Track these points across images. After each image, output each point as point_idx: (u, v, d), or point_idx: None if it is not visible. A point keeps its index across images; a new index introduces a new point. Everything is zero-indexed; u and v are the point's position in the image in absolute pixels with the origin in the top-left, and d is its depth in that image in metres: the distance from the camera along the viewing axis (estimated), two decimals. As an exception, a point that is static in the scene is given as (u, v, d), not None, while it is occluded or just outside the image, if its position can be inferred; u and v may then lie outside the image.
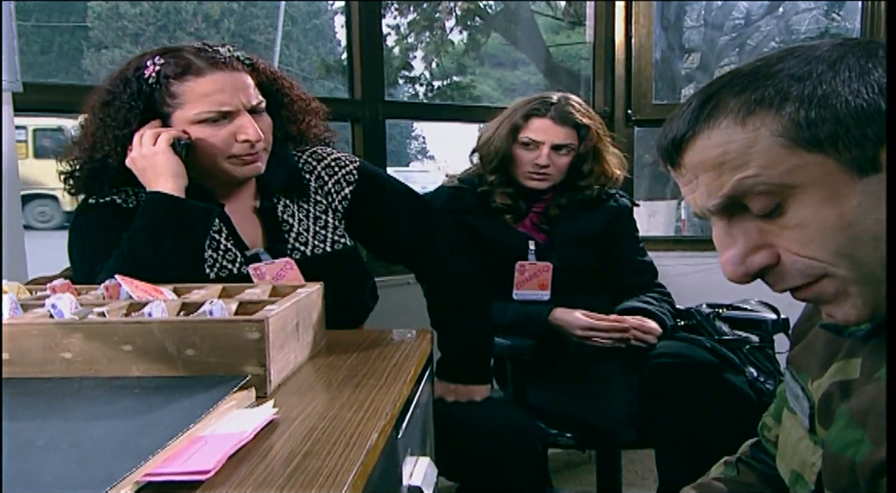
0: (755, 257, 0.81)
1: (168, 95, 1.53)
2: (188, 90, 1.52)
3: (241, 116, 1.54)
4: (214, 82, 1.52)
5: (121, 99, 1.55)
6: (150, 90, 1.54)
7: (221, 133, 1.54)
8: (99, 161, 1.55)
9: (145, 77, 1.54)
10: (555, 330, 2.12)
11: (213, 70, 1.53)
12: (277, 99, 1.68)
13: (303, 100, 1.73)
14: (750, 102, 0.77)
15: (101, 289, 1.19)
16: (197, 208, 1.49)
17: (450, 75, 13.06)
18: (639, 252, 2.35)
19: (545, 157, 2.18)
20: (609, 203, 2.31)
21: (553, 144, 2.19)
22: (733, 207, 0.80)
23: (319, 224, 1.69)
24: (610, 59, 3.23)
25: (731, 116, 0.78)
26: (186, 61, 1.53)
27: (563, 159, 2.21)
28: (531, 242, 2.23)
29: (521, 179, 2.23)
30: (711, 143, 0.79)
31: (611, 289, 2.29)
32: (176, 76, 1.52)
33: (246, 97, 1.55)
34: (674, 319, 2.21)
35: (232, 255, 1.60)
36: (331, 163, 1.75)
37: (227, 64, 1.54)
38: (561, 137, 2.19)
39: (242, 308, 1.14)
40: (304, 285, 1.30)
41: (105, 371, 0.99)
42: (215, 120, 1.53)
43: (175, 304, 1.12)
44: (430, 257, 1.79)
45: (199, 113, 1.52)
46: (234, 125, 1.54)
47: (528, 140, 2.20)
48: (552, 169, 2.20)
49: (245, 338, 1.00)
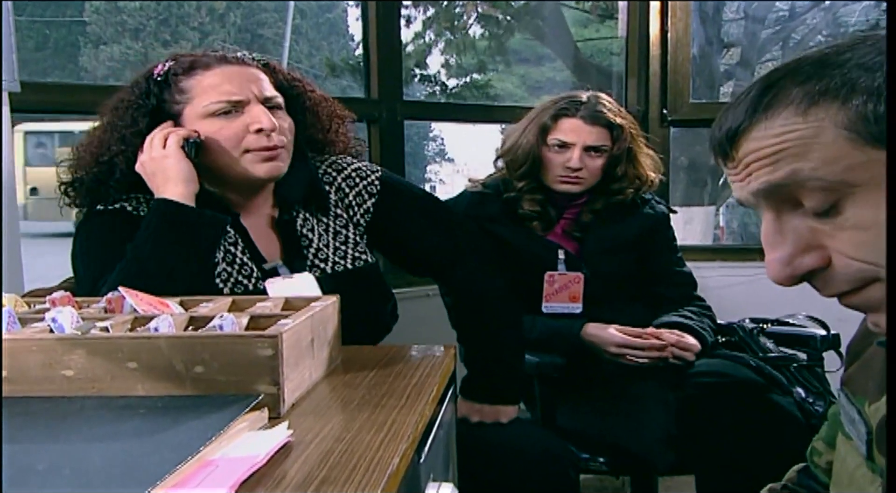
0: (804, 259, 0.80)
1: (177, 92, 1.56)
2: (196, 84, 1.55)
3: (254, 106, 1.56)
4: (223, 74, 1.55)
5: (129, 100, 1.58)
6: (158, 89, 1.56)
7: (232, 126, 1.55)
8: (106, 164, 1.57)
9: (154, 76, 1.57)
10: (587, 347, 2.11)
11: (222, 64, 1.56)
12: (299, 101, 1.69)
13: (328, 103, 1.74)
14: (814, 93, 0.76)
15: (103, 302, 1.20)
16: (205, 216, 1.50)
17: (469, 73, 13.05)
18: (677, 262, 2.35)
19: (577, 159, 2.18)
20: (644, 210, 2.31)
21: (585, 145, 2.19)
22: (784, 201, 0.79)
23: (340, 239, 1.70)
24: (644, 55, 3.23)
25: (793, 107, 0.76)
26: (195, 58, 1.57)
27: (596, 162, 2.21)
28: (561, 252, 2.23)
29: (551, 183, 2.22)
30: (769, 133, 0.77)
31: (646, 302, 2.28)
32: (185, 71, 1.56)
33: (258, 88, 1.57)
34: (715, 335, 2.20)
35: (248, 269, 1.60)
36: (351, 174, 1.76)
37: (238, 60, 1.57)
38: (593, 138, 2.19)
39: (254, 323, 1.15)
40: (319, 298, 1.30)
41: (109, 390, 1.00)
42: (226, 112, 1.54)
43: (182, 318, 1.12)
44: (457, 269, 1.80)
45: (207, 105, 1.54)
46: (247, 116, 1.55)
47: (559, 142, 2.20)
48: (585, 172, 2.20)
49: (257, 355, 1.00)
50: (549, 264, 2.22)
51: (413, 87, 11.93)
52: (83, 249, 1.55)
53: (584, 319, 2.16)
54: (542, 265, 2.21)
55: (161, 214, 1.48)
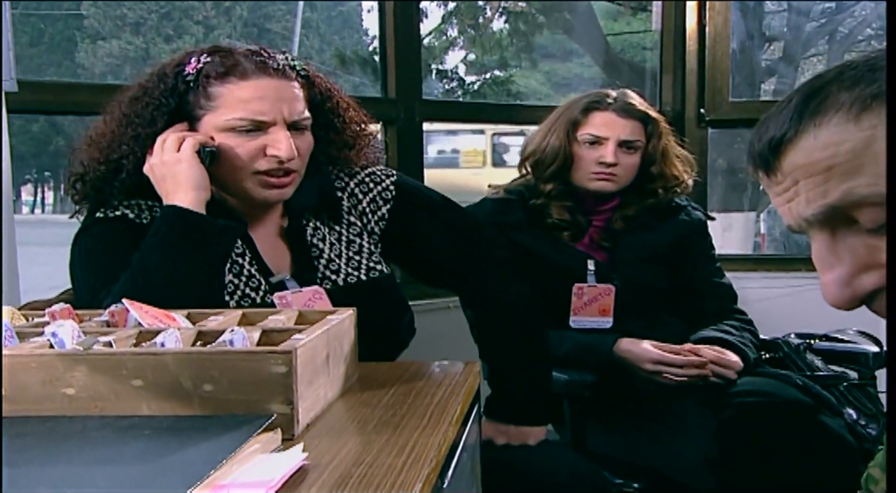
0: (864, 279, 0.79)
1: (203, 96, 1.55)
2: (226, 93, 1.54)
3: (278, 130, 1.55)
4: (257, 88, 1.54)
5: (151, 95, 1.57)
6: (185, 88, 1.56)
7: (250, 145, 1.55)
8: (114, 163, 1.57)
9: (184, 74, 1.56)
10: (619, 363, 2.11)
11: (259, 75, 1.54)
12: (327, 119, 1.70)
13: (357, 124, 1.75)
14: (865, 96, 0.75)
15: (105, 315, 1.21)
16: (216, 225, 1.50)
17: (489, 69, 13.03)
18: (715, 273, 2.34)
19: (612, 153, 2.19)
20: (679, 216, 2.30)
21: (620, 139, 2.20)
22: (838, 220, 0.79)
23: (353, 249, 1.71)
24: (680, 51, 3.23)
25: (843, 112, 0.76)
26: (234, 61, 1.55)
27: (631, 158, 2.22)
28: (590, 262, 2.23)
29: (583, 182, 2.23)
30: (819, 143, 0.77)
31: (683, 316, 2.28)
32: (218, 76, 1.54)
33: (288, 110, 1.56)
34: (757, 351, 2.19)
35: (255, 281, 1.61)
36: (364, 178, 1.76)
37: (278, 70, 1.56)
38: (627, 132, 2.21)
39: (266, 337, 1.15)
40: (335, 311, 1.30)
41: (112, 409, 1.00)
42: (248, 130, 1.54)
43: (190, 333, 1.13)
44: (479, 280, 1.80)
45: (230, 119, 1.54)
46: (267, 139, 1.55)
47: (591, 137, 2.21)
48: (619, 169, 2.20)
49: (270, 372, 1.00)
50: (577, 275, 2.22)
51: (429, 83, 11.94)
52: (83, 258, 1.56)
53: (616, 334, 2.15)
54: (571, 276, 2.21)
55: (170, 221, 1.48)
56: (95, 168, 1.58)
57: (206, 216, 1.50)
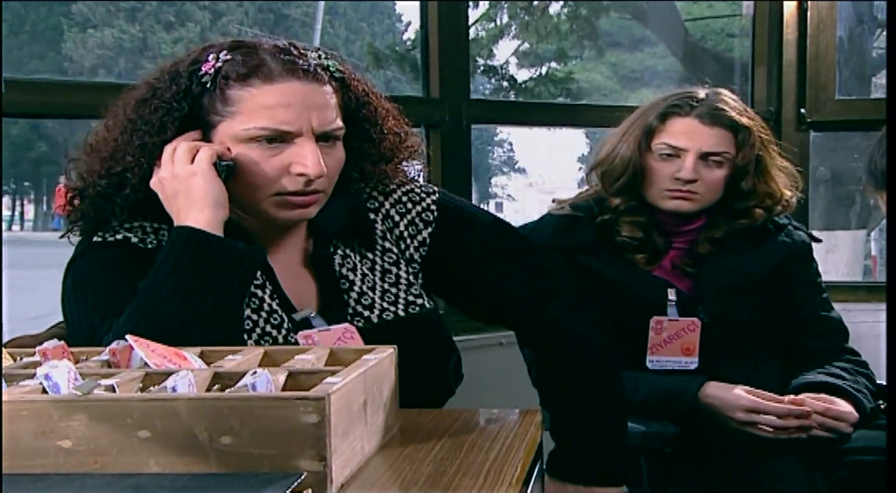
0: None
1: (220, 101, 1.55)
2: (248, 98, 1.53)
3: (304, 143, 1.55)
4: (284, 93, 1.53)
5: (162, 98, 1.57)
6: (200, 91, 1.56)
7: (273, 161, 1.55)
8: (116, 177, 1.57)
9: (200, 74, 1.56)
10: (706, 412, 2.09)
11: (288, 77, 1.54)
12: (362, 130, 1.70)
13: (396, 134, 1.75)
14: None
15: (105, 354, 1.22)
16: (237, 249, 1.51)
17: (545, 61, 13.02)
18: (822, 305, 2.32)
19: (690, 169, 2.17)
20: (778, 238, 2.29)
21: (701, 151, 2.17)
22: None
23: (389, 280, 1.72)
24: (776, 38, 3.22)
25: None
26: (258, 61, 1.55)
27: (715, 173, 2.20)
28: (671, 291, 2.22)
29: (657, 199, 2.22)
30: None
31: (783, 356, 2.27)
32: (239, 78, 1.54)
33: (319, 120, 1.56)
34: (874, 399, 2.16)
35: (277, 318, 1.62)
36: (402, 198, 1.77)
37: (309, 72, 1.56)
38: (711, 143, 2.18)
39: (293, 381, 1.16)
40: (372, 348, 1.31)
41: (115, 465, 1.01)
42: (270, 141, 1.54)
43: (205, 375, 1.14)
44: (541, 316, 1.79)
45: (249, 129, 1.53)
46: (292, 153, 1.55)
47: (667, 147, 2.19)
48: (700, 186, 2.18)
49: (299, 422, 1.00)
50: (656, 307, 2.21)
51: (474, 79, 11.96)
52: (78, 289, 1.57)
53: (703, 377, 2.14)
54: (648, 308, 2.20)
55: (184, 244, 1.48)
56: (95, 182, 1.59)
57: (226, 239, 1.50)
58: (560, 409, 1.79)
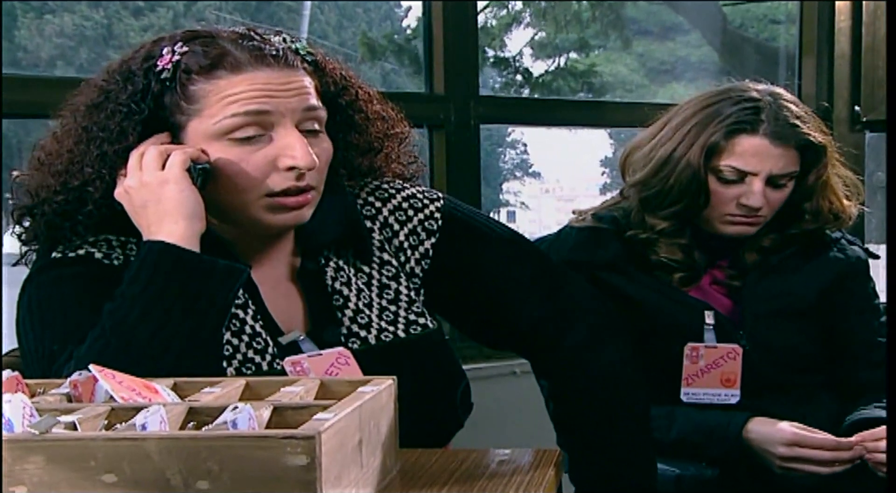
0: None
1: (183, 98, 1.55)
2: (213, 91, 1.54)
3: (287, 133, 1.55)
4: (253, 81, 1.53)
5: (117, 100, 1.57)
6: (160, 90, 1.56)
7: (255, 158, 1.55)
8: (75, 191, 1.57)
9: (157, 70, 1.56)
10: (748, 452, 2.09)
11: (258, 65, 1.55)
12: (346, 117, 1.71)
13: (384, 121, 1.76)
14: None
15: (66, 386, 1.22)
16: (218, 266, 1.51)
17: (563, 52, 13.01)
18: (879, 330, 2.31)
19: (760, 195, 2.13)
20: (831, 253, 2.28)
21: (770, 174, 2.14)
22: None
23: (387, 296, 1.72)
24: (826, 26, 3.22)
25: None
26: (221, 51, 1.55)
27: (779, 194, 2.18)
28: (709, 314, 2.21)
29: (714, 224, 2.21)
30: None
31: (837, 388, 2.27)
32: (202, 71, 1.54)
33: (299, 102, 1.56)
34: (938, 437, 2.16)
35: (261, 342, 1.62)
36: (401, 204, 1.77)
37: (279, 58, 1.56)
38: (781, 165, 2.15)
39: (278, 417, 1.16)
40: (369, 380, 1.31)
41: (77, 514, 1.01)
42: (248, 137, 1.54)
43: (179, 410, 1.14)
44: (560, 343, 1.79)
45: (221, 120, 1.53)
46: (276, 146, 1.55)
47: (733, 171, 2.14)
48: (766, 209, 2.17)
49: (286, 464, 1.00)
50: (690, 332, 2.21)
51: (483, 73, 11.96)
52: (34, 311, 1.56)
53: (747, 412, 2.13)
54: (682, 334, 2.20)
55: (155, 261, 1.47)
56: (50, 199, 1.58)
57: (204, 256, 1.50)
58: (580, 451, 1.79)
